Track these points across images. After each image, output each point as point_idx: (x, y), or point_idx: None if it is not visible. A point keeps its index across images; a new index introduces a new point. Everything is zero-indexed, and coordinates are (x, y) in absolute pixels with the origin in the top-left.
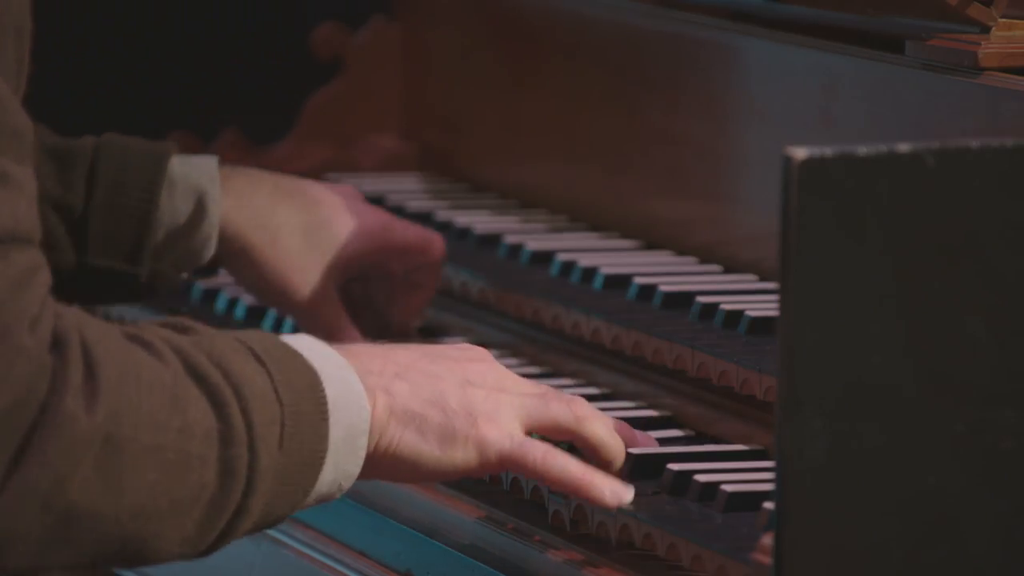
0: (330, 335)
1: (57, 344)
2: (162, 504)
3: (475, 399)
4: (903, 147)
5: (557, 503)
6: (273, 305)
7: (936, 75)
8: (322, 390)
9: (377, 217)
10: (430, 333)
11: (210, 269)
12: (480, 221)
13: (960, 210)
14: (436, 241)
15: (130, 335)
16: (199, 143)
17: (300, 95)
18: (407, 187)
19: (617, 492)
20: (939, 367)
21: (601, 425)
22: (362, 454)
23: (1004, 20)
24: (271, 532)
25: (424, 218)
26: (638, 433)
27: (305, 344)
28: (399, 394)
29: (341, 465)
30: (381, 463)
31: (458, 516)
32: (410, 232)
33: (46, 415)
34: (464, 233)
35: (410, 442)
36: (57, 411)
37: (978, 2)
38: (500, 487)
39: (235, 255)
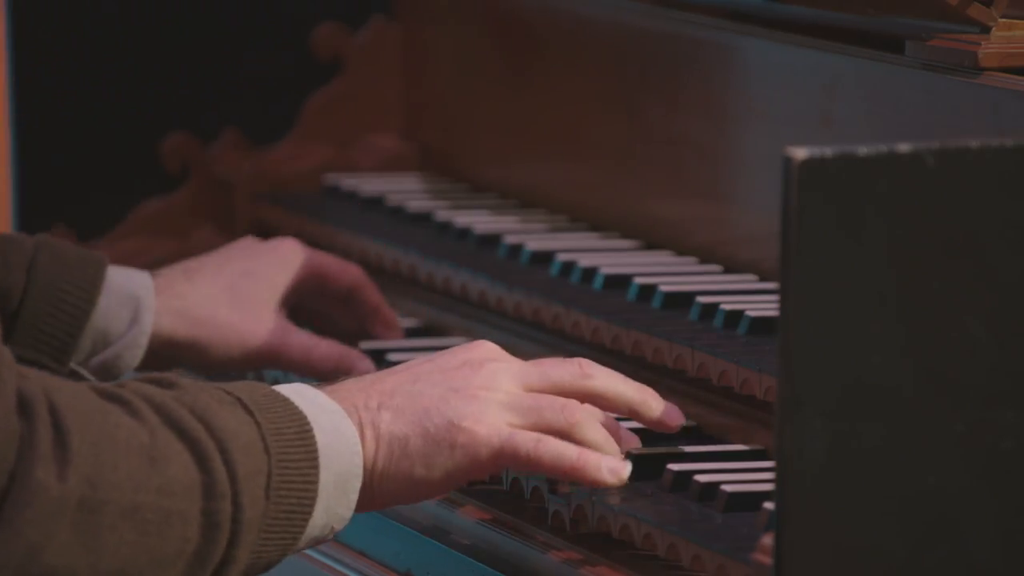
0: (307, 359)
1: (24, 408)
2: (143, 562)
3: (457, 406)
4: (903, 147)
5: (557, 503)
6: (243, 370)
7: (936, 75)
8: (312, 437)
9: (282, 244)
10: (430, 333)
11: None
12: (480, 221)
13: (960, 210)
14: (351, 268)
15: (107, 393)
16: (199, 143)
17: (300, 95)
18: (407, 187)
19: (615, 469)
20: (939, 367)
21: (593, 430)
22: (354, 497)
23: (1004, 20)
24: None
25: (424, 218)
26: (622, 430)
27: (295, 390)
28: (384, 423)
29: (332, 509)
30: (376, 494)
31: (458, 516)
32: (326, 258)
33: (15, 484)
34: (464, 233)
35: (399, 468)
36: (27, 480)
37: (978, 2)
38: (500, 487)
39: (181, 353)
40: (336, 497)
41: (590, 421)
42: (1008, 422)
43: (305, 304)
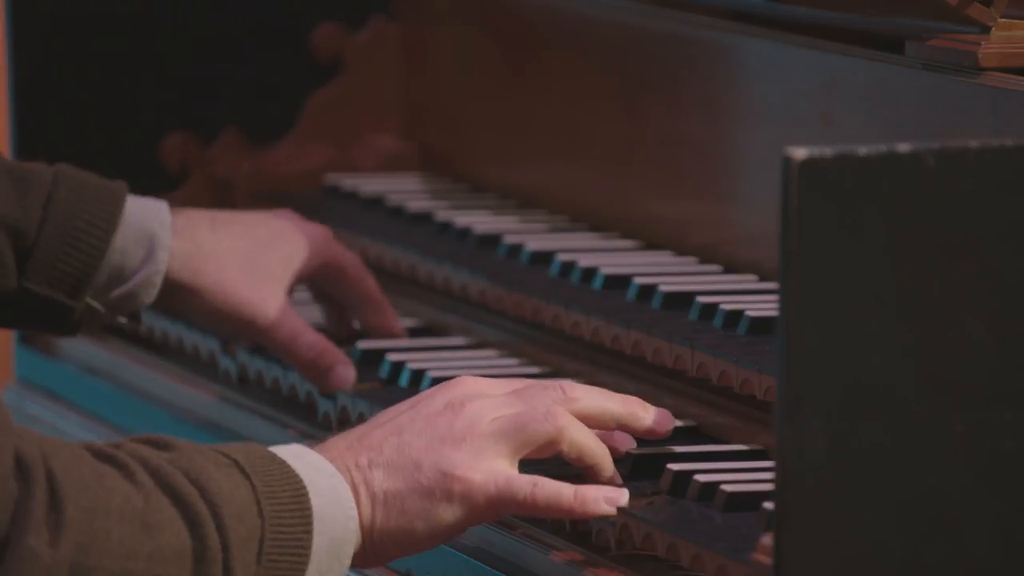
0: (292, 343)
1: (21, 471)
2: None
3: (446, 454)
4: (903, 147)
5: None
6: (230, 332)
7: (936, 75)
8: (307, 501)
9: (315, 229)
10: (430, 333)
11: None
12: (480, 221)
13: (960, 210)
14: (367, 281)
15: (103, 455)
16: (199, 143)
17: (300, 95)
18: (407, 187)
19: (611, 499)
20: (939, 367)
21: (581, 432)
22: (347, 562)
23: (1004, 20)
24: None
25: (424, 218)
26: (616, 433)
27: (293, 453)
28: (376, 482)
29: (323, 571)
30: (376, 552)
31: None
32: (351, 261)
33: (8, 551)
34: (464, 233)
35: (398, 524)
36: (19, 547)
37: (978, 2)
38: None
39: (183, 297)
40: (328, 562)
41: (575, 423)
42: (1008, 422)
43: (312, 289)
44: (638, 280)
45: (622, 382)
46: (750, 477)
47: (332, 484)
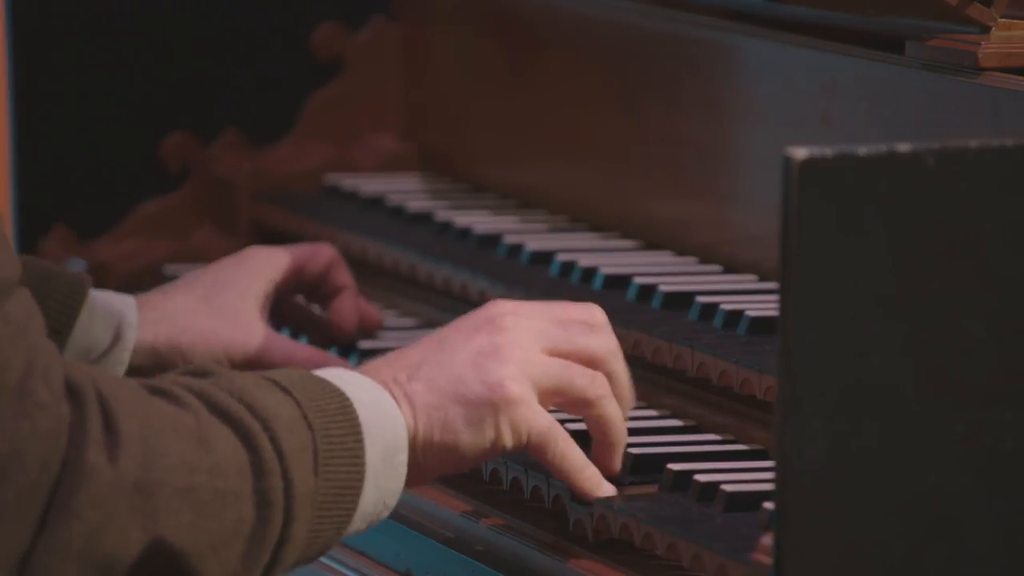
0: (289, 363)
1: (72, 394)
2: (202, 543)
3: (489, 368)
4: (903, 147)
5: (579, 512)
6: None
7: (936, 75)
8: (353, 412)
9: (259, 252)
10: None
11: None
12: (480, 221)
13: (960, 210)
14: (322, 248)
15: (147, 386)
16: (199, 143)
17: (300, 95)
18: (407, 187)
19: (607, 491)
20: (939, 367)
21: (614, 408)
22: (403, 471)
23: (1004, 20)
24: None
25: (424, 218)
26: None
27: (333, 373)
28: (418, 394)
29: (382, 484)
30: (422, 467)
31: (458, 516)
32: (295, 250)
33: (69, 469)
34: (464, 233)
35: (443, 438)
36: (79, 464)
37: (978, 2)
38: (500, 487)
39: (172, 362)
40: (385, 472)
41: (611, 397)
42: (1008, 422)
43: (289, 302)
44: (638, 280)
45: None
46: (750, 477)
47: (375, 396)
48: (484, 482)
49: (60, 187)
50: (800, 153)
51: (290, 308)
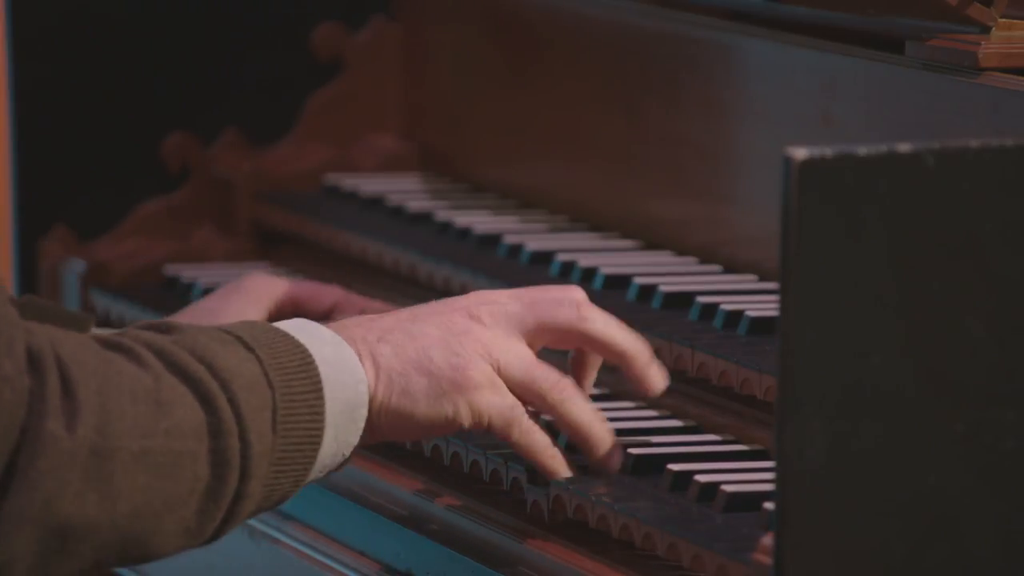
0: None
1: (33, 363)
2: (157, 503)
3: (457, 349)
4: (903, 147)
5: (559, 489)
6: None
7: (936, 75)
8: (315, 369)
9: (258, 279)
10: None
11: None
12: (480, 221)
13: (960, 210)
14: (328, 289)
15: (108, 343)
16: (199, 143)
17: (300, 95)
18: (407, 187)
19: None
20: (939, 367)
21: (579, 407)
22: (361, 424)
23: (1004, 20)
24: (271, 532)
25: (424, 218)
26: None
27: (295, 326)
28: (383, 356)
29: (342, 437)
30: (375, 426)
31: (459, 516)
32: (299, 284)
33: (28, 438)
34: (464, 233)
35: (400, 403)
36: (39, 433)
37: (978, 2)
38: (501, 487)
39: None
40: (344, 425)
41: (577, 398)
42: (1008, 422)
43: None
44: (638, 280)
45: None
46: (750, 477)
47: (337, 351)
48: (484, 482)
49: (60, 187)
50: (800, 153)
51: None
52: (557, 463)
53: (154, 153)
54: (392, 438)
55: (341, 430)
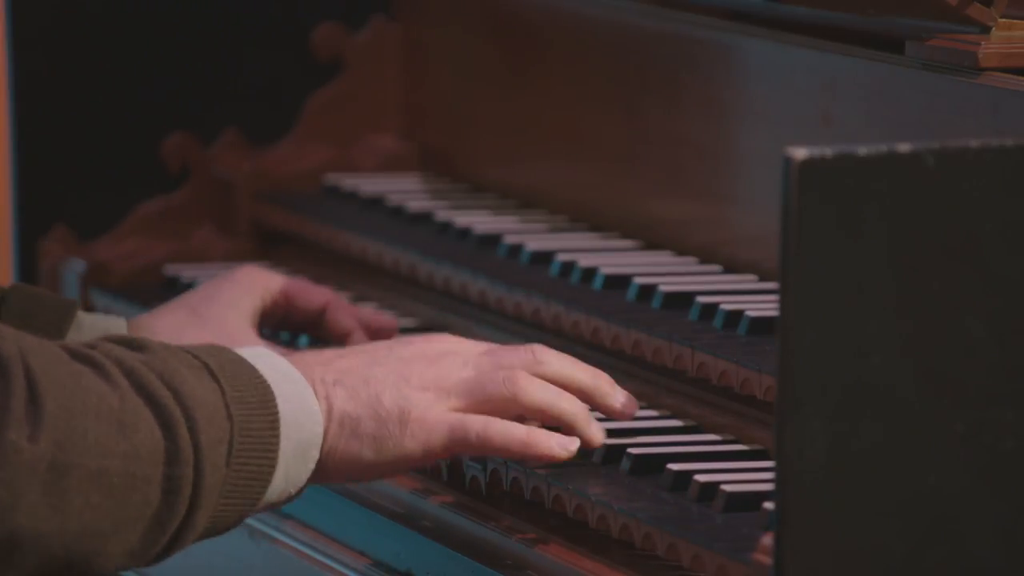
0: None
1: (0, 369)
2: (106, 524)
3: (408, 395)
4: (903, 147)
5: (557, 485)
6: None
7: (936, 75)
8: (274, 406)
9: (252, 269)
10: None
11: None
12: (480, 221)
13: (960, 210)
14: (320, 289)
15: (79, 354)
16: (199, 143)
17: (300, 95)
18: (407, 187)
19: (564, 444)
20: (939, 367)
21: (540, 392)
22: (312, 465)
23: (1004, 20)
24: (270, 531)
25: (424, 218)
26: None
27: (260, 355)
28: (337, 400)
29: (291, 475)
30: (325, 467)
31: (458, 516)
32: (292, 280)
33: None
34: (464, 233)
35: (348, 446)
36: (0, 441)
37: (978, 2)
38: (500, 487)
39: None
40: (295, 464)
41: (533, 384)
42: (1008, 422)
43: (275, 328)
44: (638, 280)
45: (622, 382)
46: (750, 477)
47: (298, 390)
48: (486, 482)
49: (60, 187)
50: (800, 153)
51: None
52: (530, 442)
53: (154, 153)
54: (343, 480)
55: (292, 468)
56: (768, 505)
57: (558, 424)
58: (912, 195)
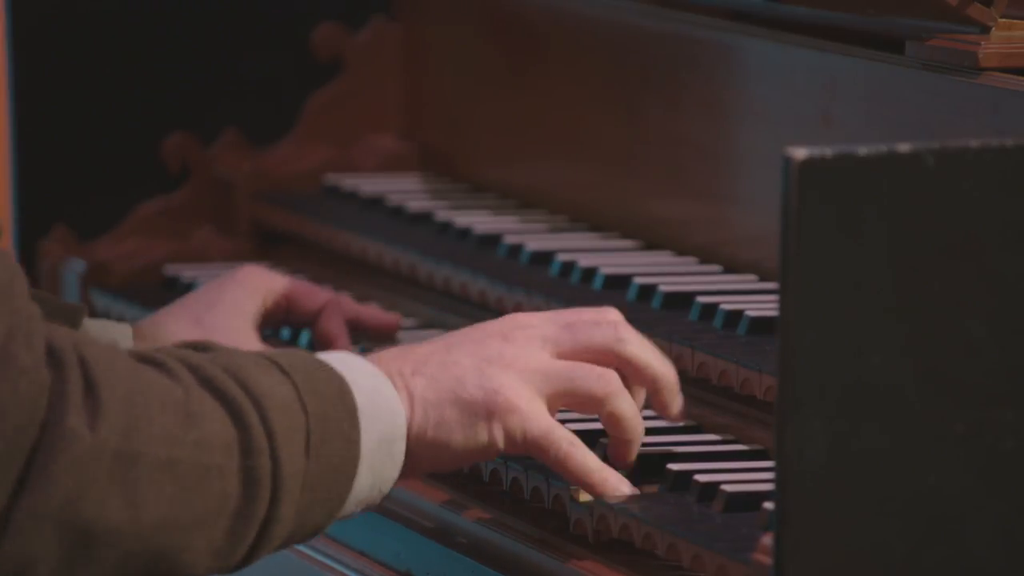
0: None
1: (53, 359)
2: (184, 517)
3: (491, 375)
4: (903, 147)
5: (578, 511)
6: None
7: (936, 75)
8: (351, 397)
9: (254, 270)
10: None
11: None
12: (480, 221)
13: (960, 210)
14: (322, 290)
15: (140, 356)
16: (199, 143)
17: (300, 95)
18: (407, 187)
19: (620, 487)
20: (939, 367)
21: (627, 403)
22: (400, 459)
23: (1004, 20)
24: None
25: (424, 218)
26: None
27: (337, 357)
28: (417, 389)
29: (378, 470)
30: (415, 459)
31: (458, 516)
32: (294, 280)
33: (47, 433)
34: (464, 233)
35: (436, 435)
36: (58, 428)
37: (978, 2)
38: (500, 487)
39: None
40: (381, 458)
41: (624, 393)
42: (1008, 422)
43: (276, 327)
44: (638, 280)
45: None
46: (750, 477)
47: (375, 384)
48: (484, 482)
49: (60, 187)
50: (800, 153)
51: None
52: (596, 483)
53: (154, 153)
54: (432, 470)
55: (377, 462)
56: (768, 505)
57: (648, 385)
58: (912, 195)
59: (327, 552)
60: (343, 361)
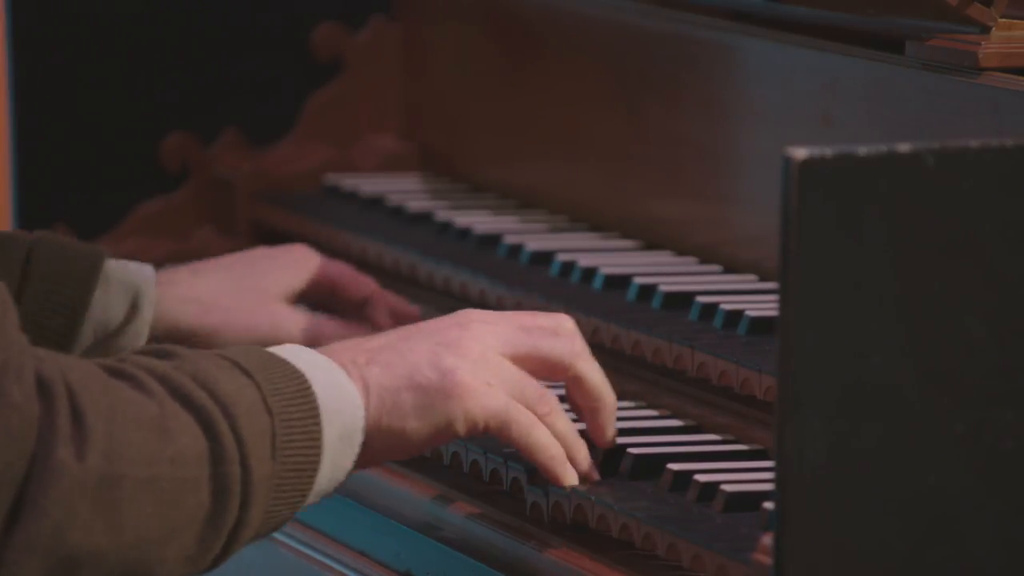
0: (314, 342)
1: (43, 391)
2: (160, 531)
3: (447, 358)
4: (903, 147)
5: (558, 494)
6: None
7: (936, 75)
8: (312, 394)
9: (293, 248)
10: None
11: None
12: (480, 221)
13: (960, 210)
14: (367, 281)
15: (112, 370)
16: (199, 143)
17: (300, 95)
18: (407, 187)
19: (573, 481)
20: (939, 367)
21: (563, 421)
22: (358, 449)
23: (1004, 20)
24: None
25: (424, 218)
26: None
27: (289, 351)
28: (372, 377)
29: (338, 462)
30: (369, 448)
31: (458, 516)
32: (340, 266)
33: (38, 466)
34: (464, 233)
35: (391, 421)
36: (49, 461)
37: (978, 2)
38: (500, 487)
39: (201, 343)
40: (341, 450)
41: (561, 413)
42: (1008, 422)
43: (314, 310)
44: (638, 280)
45: (622, 382)
46: (750, 477)
47: (333, 377)
48: (485, 482)
49: (60, 187)
50: (800, 153)
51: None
52: (557, 464)
53: (154, 153)
54: (390, 457)
55: (338, 455)
56: (768, 505)
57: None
58: (912, 195)
59: (327, 552)
60: (297, 356)
